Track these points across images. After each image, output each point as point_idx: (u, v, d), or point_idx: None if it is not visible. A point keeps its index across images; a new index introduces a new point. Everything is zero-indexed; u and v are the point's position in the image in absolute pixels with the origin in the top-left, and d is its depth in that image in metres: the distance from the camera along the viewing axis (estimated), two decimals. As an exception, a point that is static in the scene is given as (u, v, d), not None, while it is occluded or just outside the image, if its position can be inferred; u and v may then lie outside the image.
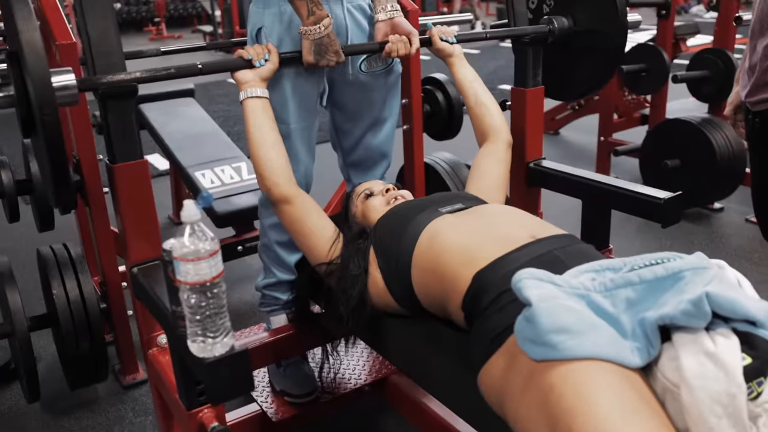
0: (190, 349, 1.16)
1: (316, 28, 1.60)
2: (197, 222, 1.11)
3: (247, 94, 1.61)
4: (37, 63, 1.26)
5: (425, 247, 1.41)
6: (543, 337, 1.00)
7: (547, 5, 2.24)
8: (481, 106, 1.86)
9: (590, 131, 4.73)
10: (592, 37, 2.12)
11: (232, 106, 6.86)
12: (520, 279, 1.07)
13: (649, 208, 1.83)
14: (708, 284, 1.00)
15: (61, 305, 2.03)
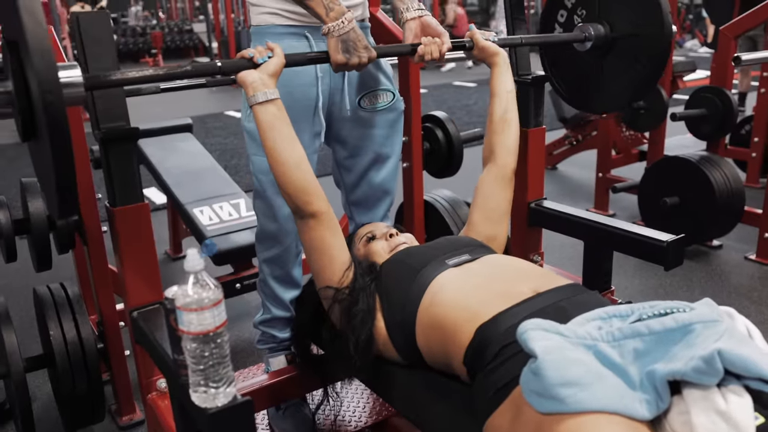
0: (192, 398, 1.14)
1: (339, 23, 1.52)
2: (200, 271, 1.09)
3: (256, 99, 1.45)
4: (43, 53, 1.08)
5: (428, 303, 1.40)
6: (550, 391, 0.99)
7: (578, 15, 2.14)
8: (506, 123, 1.78)
9: (588, 166, 4.74)
10: (633, 42, 2.00)
11: (229, 138, 6.88)
12: (525, 330, 1.06)
13: (652, 250, 1.82)
14: (719, 339, 0.99)
15: (57, 346, 2.00)
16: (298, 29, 1.70)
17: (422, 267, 1.47)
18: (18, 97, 1.16)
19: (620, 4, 1.99)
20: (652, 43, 1.94)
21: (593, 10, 2.06)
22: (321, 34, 1.57)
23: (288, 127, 1.48)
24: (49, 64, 1.06)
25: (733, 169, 3.38)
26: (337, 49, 1.54)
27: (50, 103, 1.07)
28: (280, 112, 1.47)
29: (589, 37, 2.02)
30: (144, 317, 1.52)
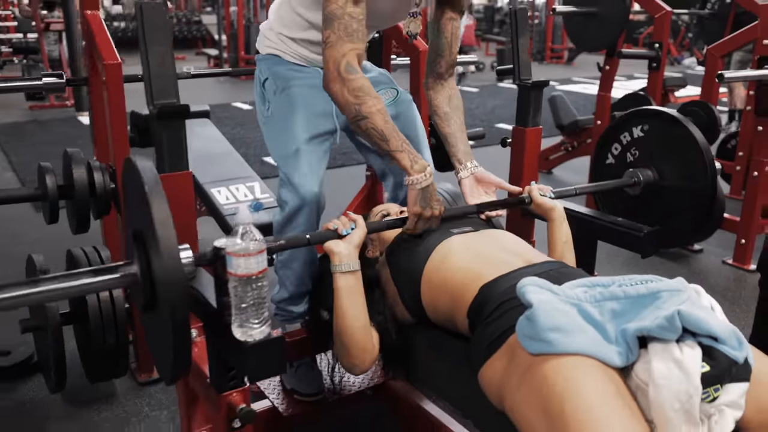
0: (234, 334, 1.35)
1: (422, 176, 1.63)
2: (249, 224, 1.31)
3: (341, 269, 1.60)
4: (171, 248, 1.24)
5: (436, 264, 1.61)
6: (540, 335, 1.20)
7: (632, 155, 2.27)
8: None
9: (582, 172, 4.97)
10: (678, 192, 2.15)
11: (237, 128, 7.09)
12: (524, 285, 1.29)
13: (631, 239, 2.04)
14: (681, 304, 1.20)
15: (91, 302, 2.20)
16: (312, 67, 1.93)
17: (429, 234, 1.69)
18: (143, 279, 1.30)
19: (670, 154, 2.13)
20: (692, 195, 2.12)
21: (646, 154, 2.21)
22: (404, 184, 1.69)
23: (361, 297, 1.64)
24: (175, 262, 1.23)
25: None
26: (416, 200, 1.66)
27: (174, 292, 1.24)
28: (357, 283, 1.62)
29: (638, 182, 2.18)
30: (183, 272, 1.72)
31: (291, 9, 1.90)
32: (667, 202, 2.19)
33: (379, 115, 1.63)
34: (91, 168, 2.16)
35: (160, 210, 1.26)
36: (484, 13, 19.85)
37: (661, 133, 2.18)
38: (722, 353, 1.14)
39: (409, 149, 1.65)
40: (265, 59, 1.97)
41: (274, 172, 5.22)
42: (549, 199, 1.93)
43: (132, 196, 1.42)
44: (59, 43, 8.22)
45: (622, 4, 4.05)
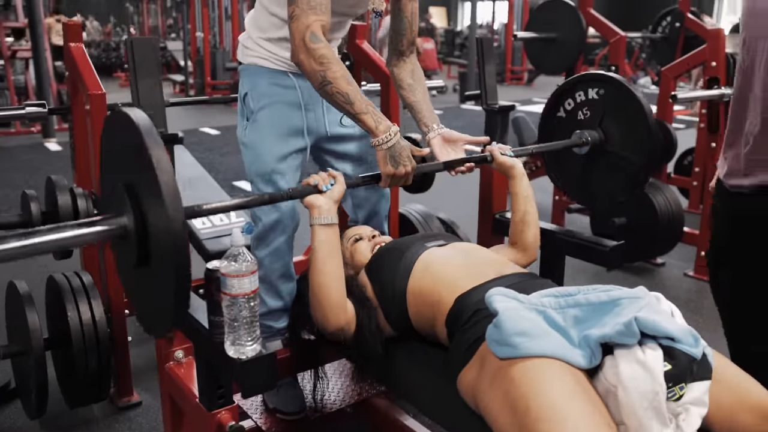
0: (227, 352, 1.42)
1: (386, 136, 1.69)
2: (242, 246, 1.38)
3: (319, 221, 1.66)
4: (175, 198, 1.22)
5: (419, 275, 1.70)
6: (506, 339, 1.30)
7: (583, 114, 2.35)
8: (525, 224, 2.02)
9: (546, 190, 5.09)
10: (620, 158, 2.26)
11: (205, 153, 7.11)
12: (491, 295, 1.40)
13: (596, 254, 2.15)
14: (639, 311, 1.29)
15: (74, 327, 2.24)
16: (284, 72, 1.99)
17: (407, 249, 1.78)
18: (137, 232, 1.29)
19: (619, 122, 2.25)
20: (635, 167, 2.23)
21: (596, 117, 2.30)
22: (370, 146, 1.74)
23: (338, 252, 1.70)
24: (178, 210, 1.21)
25: (673, 194, 3.76)
26: (386, 160, 1.72)
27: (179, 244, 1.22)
28: (335, 237, 1.70)
29: (587, 143, 2.28)
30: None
31: (265, 11, 1.97)
32: (609, 165, 2.30)
33: (343, 79, 1.69)
34: (75, 194, 2.20)
35: (160, 159, 1.23)
36: (445, 36, 20.15)
37: (613, 99, 2.28)
38: (681, 351, 1.24)
39: (373, 111, 1.71)
40: (246, 70, 2.03)
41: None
42: (509, 157, 2.04)
43: (119, 146, 1.38)
44: (26, 71, 8.18)
45: (579, 30, 4.22)
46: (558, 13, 4.35)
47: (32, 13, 7.19)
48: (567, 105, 2.41)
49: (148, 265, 1.32)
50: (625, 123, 2.23)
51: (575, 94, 2.36)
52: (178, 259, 1.22)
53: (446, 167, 1.95)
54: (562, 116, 2.40)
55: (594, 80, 2.32)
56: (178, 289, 1.25)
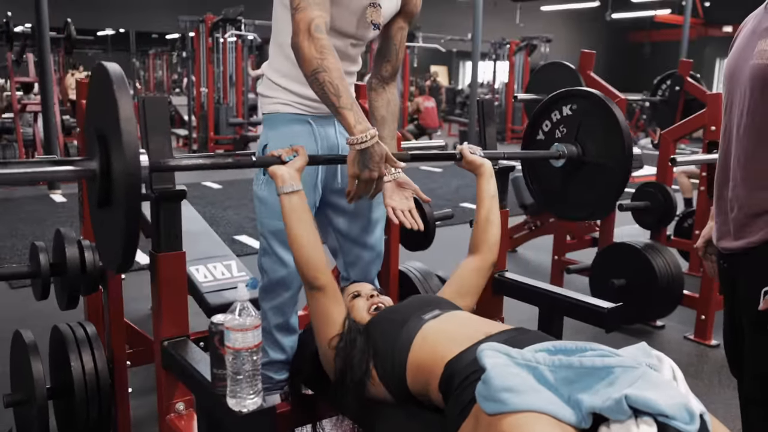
0: (228, 404, 1.44)
1: (361, 137, 1.73)
2: (246, 301, 1.42)
3: (284, 189, 1.76)
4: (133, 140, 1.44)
5: (417, 350, 1.71)
6: (494, 395, 1.31)
7: (560, 131, 2.48)
8: (488, 223, 2.12)
9: (545, 250, 5.14)
10: (598, 167, 2.36)
11: (207, 207, 7.19)
12: (482, 350, 1.40)
13: (595, 315, 2.18)
14: (632, 383, 1.28)
15: (77, 376, 2.26)
16: (303, 117, 2.07)
17: (404, 323, 1.80)
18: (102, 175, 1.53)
19: (594, 133, 2.36)
20: (610, 172, 2.34)
21: (572, 131, 2.42)
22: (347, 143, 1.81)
23: (307, 213, 1.80)
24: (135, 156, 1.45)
25: (673, 256, 3.80)
26: (354, 161, 1.78)
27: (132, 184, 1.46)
28: (301, 201, 1.79)
29: (563, 156, 2.38)
30: (174, 346, 1.81)
31: (281, 52, 2.04)
32: (587, 175, 2.38)
33: (337, 71, 1.77)
34: (82, 247, 2.25)
35: (125, 108, 1.43)
36: (446, 94, 20.46)
37: (587, 112, 2.38)
38: (675, 429, 1.23)
39: (357, 110, 1.76)
40: (267, 120, 2.10)
41: (246, 251, 5.37)
42: (478, 157, 2.13)
43: (97, 96, 1.58)
44: (35, 123, 8.32)
45: (580, 93, 4.31)
46: (558, 75, 4.46)
47: (43, 68, 7.37)
48: (545, 126, 2.52)
49: (109, 206, 1.54)
50: (600, 133, 2.33)
51: (551, 115, 2.48)
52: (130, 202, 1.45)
53: (414, 159, 2.07)
54: (542, 138, 2.50)
55: (567, 97, 2.44)
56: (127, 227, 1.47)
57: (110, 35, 22.18)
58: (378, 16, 2.05)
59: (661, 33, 25.53)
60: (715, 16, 24.40)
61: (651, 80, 6.12)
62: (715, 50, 24.63)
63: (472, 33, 11.31)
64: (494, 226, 2.12)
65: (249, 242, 5.78)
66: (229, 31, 11.40)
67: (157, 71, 20.41)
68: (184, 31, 12.70)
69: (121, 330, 2.48)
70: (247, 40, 11.59)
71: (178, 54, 17.03)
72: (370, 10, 2.02)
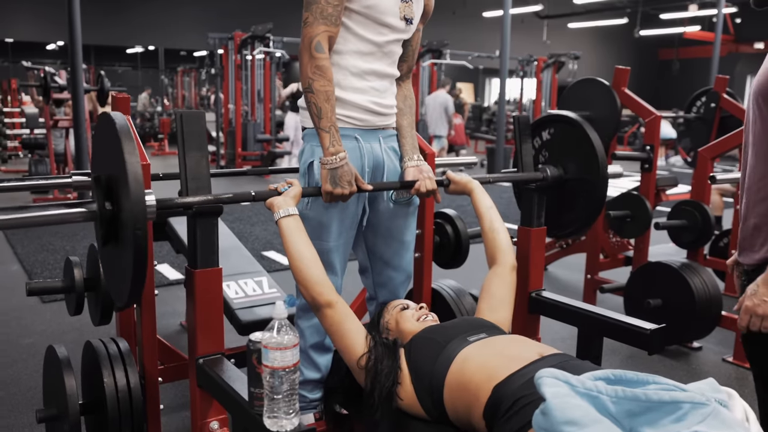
0: (265, 424, 1.41)
1: (332, 159, 1.92)
2: (284, 319, 1.39)
3: (280, 214, 1.86)
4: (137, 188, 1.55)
5: (457, 371, 1.68)
6: (555, 427, 1.25)
7: (543, 156, 2.65)
8: (494, 232, 2.17)
9: (576, 269, 5.07)
10: (580, 184, 2.51)
11: (236, 223, 7.20)
12: (541, 377, 1.34)
13: (637, 337, 2.12)
14: (702, 421, 1.22)
15: (110, 393, 2.23)
16: (350, 132, 2.06)
17: (447, 343, 1.77)
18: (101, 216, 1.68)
19: (572, 153, 2.54)
20: (591, 187, 2.52)
21: (554, 154, 2.61)
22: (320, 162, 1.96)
23: (304, 234, 1.88)
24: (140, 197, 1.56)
25: (710, 276, 3.71)
26: (326, 179, 1.94)
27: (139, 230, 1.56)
28: (297, 223, 1.88)
29: (546, 178, 2.52)
30: (208, 364, 1.79)
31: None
32: (570, 192, 2.59)
33: (323, 94, 1.94)
34: (116, 262, 2.25)
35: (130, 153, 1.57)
36: (472, 112, 20.43)
37: (564, 135, 2.59)
38: None
39: (334, 133, 1.94)
40: (310, 135, 2.10)
41: (274, 267, 5.35)
42: (465, 175, 2.27)
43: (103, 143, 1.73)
44: (65, 138, 8.41)
45: (614, 109, 4.26)
46: (592, 91, 4.41)
47: (75, 84, 7.45)
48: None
49: (116, 245, 1.67)
50: (576, 151, 2.52)
51: (535, 139, 2.68)
52: (137, 241, 1.55)
53: (403, 186, 2.16)
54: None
55: (544, 123, 2.66)
56: (135, 265, 1.58)
57: (139, 53, 22.45)
58: (411, 12, 2.11)
59: (690, 50, 25.32)
60: (746, 32, 24.14)
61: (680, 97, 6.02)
62: (745, 66, 24.34)
63: (500, 49, 11.26)
64: (500, 232, 2.17)
65: (277, 258, 5.76)
66: (257, 48, 11.48)
67: (185, 88, 20.61)
68: (213, 48, 12.81)
69: (153, 346, 2.46)
70: (275, 57, 11.65)
71: (206, 71, 17.20)
72: (402, 6, 2.08)
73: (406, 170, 2.21)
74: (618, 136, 14.27)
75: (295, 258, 1.83)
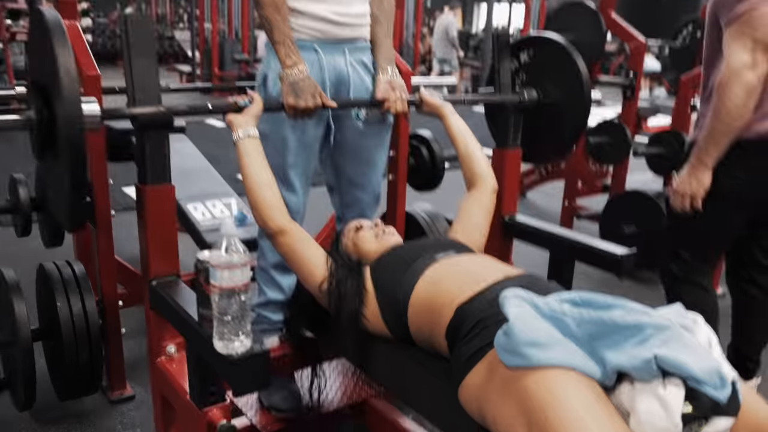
0: (215, 347, 1.34)
1: (291, 72, 1.83)
2: (234, 236, 1.30)
3: (240, 136, 1.75)
4: (71, 90, 1.42)
5: (422, 291, 1.60)
6: (517, 349, 1.20)
7: (520, 77, 2.48)
8: (470, 156, 2.05)
9: (555, 196, 5.02)
10: (560, 109, 2.37)
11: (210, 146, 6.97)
12: (506, 296, 1.29)
13: (608, 261, 2.07)
14: (664, 344, 1.17)
15: (64, 317, 2.16)
16: (309, 44, 1.94)
17: (413, 260, 1.68)
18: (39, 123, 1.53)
19: (553, 75, 2.37)
20: (571, 112, 2.36)
21: (532, 76, 2.44)
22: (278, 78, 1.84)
23: (261, 157, 1.76)
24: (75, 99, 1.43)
25: (686, 204, 3.66)
26: (288, 92, 1.83)
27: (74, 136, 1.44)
28: (256, 146, 1.76)
29: (524, 102, 2.37)
30: (162, 286, 1.71)
31: None
32: (549, 117, 2.42)
33: (272, 5, 1.85)
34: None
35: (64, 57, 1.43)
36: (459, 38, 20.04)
37: (545, 57, 2.43)
38: (704, 394, 1.13)
39: (289, 44, 1.85)
40: (268, 47, 1.98)
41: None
42: (436, 98, 2.12)
43: (37, 45, 1.58)
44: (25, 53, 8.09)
45: (599, 33, 4.13)
46: (578, 15, 4.26)
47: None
48: None
49: (53, 156, 1.54)
50: (558, 74, 2.36)
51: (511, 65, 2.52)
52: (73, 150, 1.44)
53: (371, 104, 2.04)
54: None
55: (524, 44, 2.49)
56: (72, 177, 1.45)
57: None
58: None
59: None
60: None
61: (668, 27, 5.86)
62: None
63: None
64: (476, 156, 2.06)
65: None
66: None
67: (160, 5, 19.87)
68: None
69: (111, 269, 2.38)
70: (252, -28, 11.26)
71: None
72: None
73: (378, 85, 2.08)
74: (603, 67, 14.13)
75: (249, 179, 1.73)
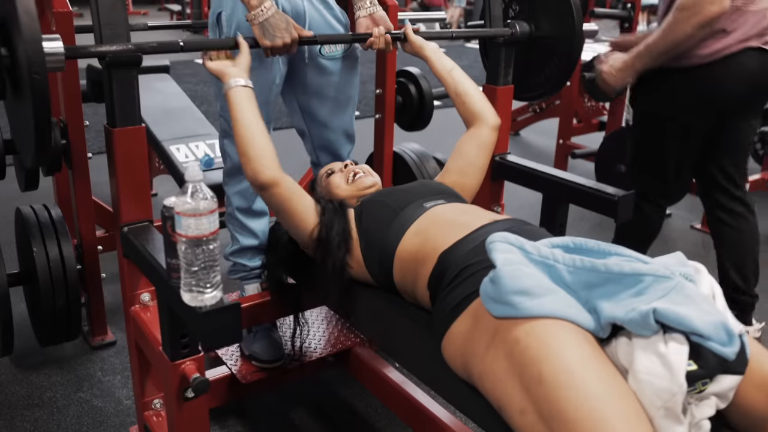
0: (183, 299, 1.26)
1: (259, 11, 1.68)
2: (199, 182, 1.21)
3: (230, 85, 1.64)
4: (31, 27, 1.31)
5: (409, 242, 1.52)
6: (504, 297, 1.12)
7: (513, 9, 2.35)
8: (463, 94, 1.93)
9: (549, 134, 4.91)
10: (551, 43, 2.26)
11: (199, 85, 6.91)
12: (493, 241, 1.20)
13: (604, 204, 1.98)
14: (664, 296, 1.08)
15: (40, 262, 2.10)
16: None
17: (401, 209, 1.60)
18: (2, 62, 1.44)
19: (545, 9, 2.25)
20: (564, 46, 2.24)
21: (524, 9, 2.31)
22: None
23: (255, 108, 1.65)
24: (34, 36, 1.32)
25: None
26: (261, 35, 1.70)
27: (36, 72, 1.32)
28: (250, 95, 1.65)
29: (515, 34, 2.24)
30: (134, 232, 1.63)
31: None
32: (541, 51, 2.32)
33: None
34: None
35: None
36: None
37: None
38: (710, 351, 1.04)
39: None
40: None
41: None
42: (419, 39, 1.99)
43: None
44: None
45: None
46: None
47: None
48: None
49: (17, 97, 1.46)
50: (551, 6, 2.25)
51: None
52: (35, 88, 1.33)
53: (354, 40, 1.94)
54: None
55: None
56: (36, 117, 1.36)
57: None
58: None
59: None
60: None
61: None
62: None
63: None
64: (470, 93, 1.95)
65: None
66: None
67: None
68: None
69: (89, 212, 2.30)
70: None
71: None
72: None
73: (358, 21, 1.98)
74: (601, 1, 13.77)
75: (240, 131, 1.61)
